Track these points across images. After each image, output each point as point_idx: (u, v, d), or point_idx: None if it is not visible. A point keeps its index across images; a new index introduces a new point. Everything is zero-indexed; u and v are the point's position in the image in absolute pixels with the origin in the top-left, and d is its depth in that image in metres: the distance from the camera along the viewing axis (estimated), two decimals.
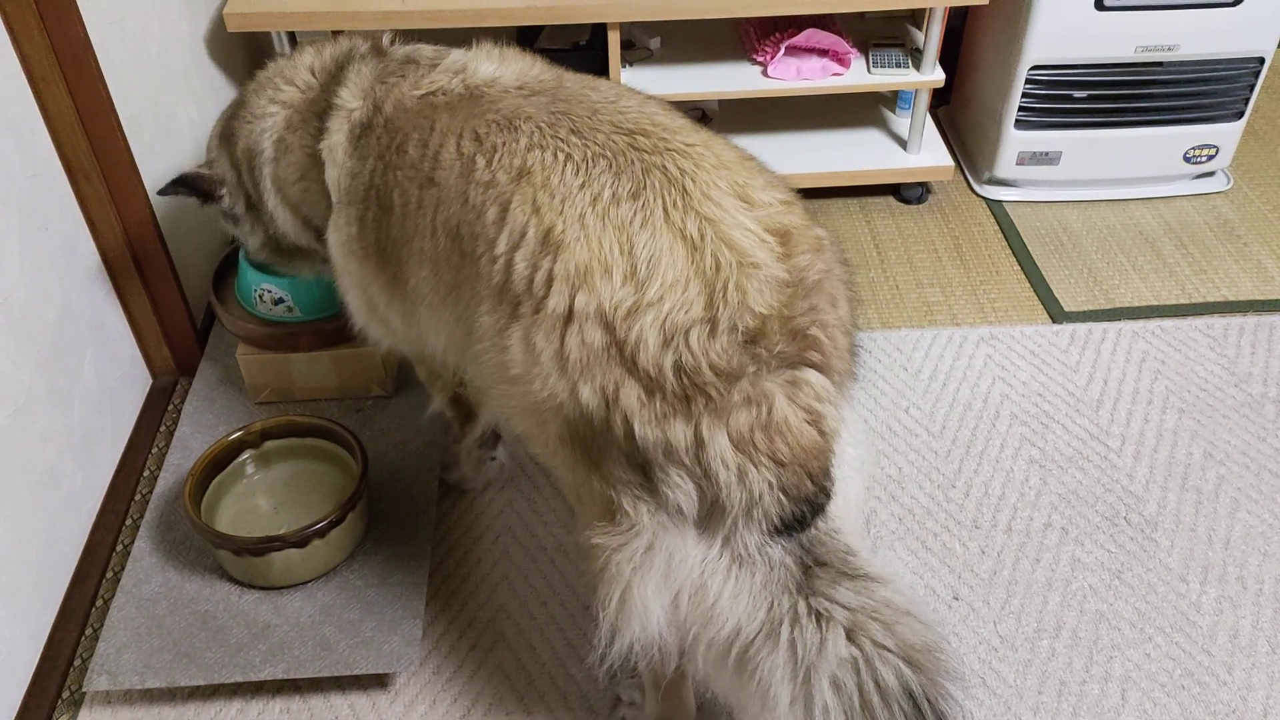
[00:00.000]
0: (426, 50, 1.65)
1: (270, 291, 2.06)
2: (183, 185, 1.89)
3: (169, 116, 2.30)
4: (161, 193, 1.90)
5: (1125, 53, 2.57)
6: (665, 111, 1.44)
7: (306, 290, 2.05)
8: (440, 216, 1.42)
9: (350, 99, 1.61)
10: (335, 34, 2.67)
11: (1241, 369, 2.32)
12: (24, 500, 1.75)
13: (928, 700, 1.25)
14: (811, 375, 1.23)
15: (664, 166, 1.30)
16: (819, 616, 1.26)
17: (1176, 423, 2.19)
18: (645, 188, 1.28)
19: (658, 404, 1.20)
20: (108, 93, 1.95)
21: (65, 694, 1.77)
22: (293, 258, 1.93)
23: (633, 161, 1.31)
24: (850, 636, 1.25)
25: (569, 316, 1.24)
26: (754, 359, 1.21)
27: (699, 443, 1.20)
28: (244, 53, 2.77)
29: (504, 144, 1.37)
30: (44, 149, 1.89)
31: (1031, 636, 1.83)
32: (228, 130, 1.82)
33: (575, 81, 1.51)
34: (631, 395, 1.21)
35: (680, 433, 1.20)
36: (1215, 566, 1.93)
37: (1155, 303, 2.51)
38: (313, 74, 1.71)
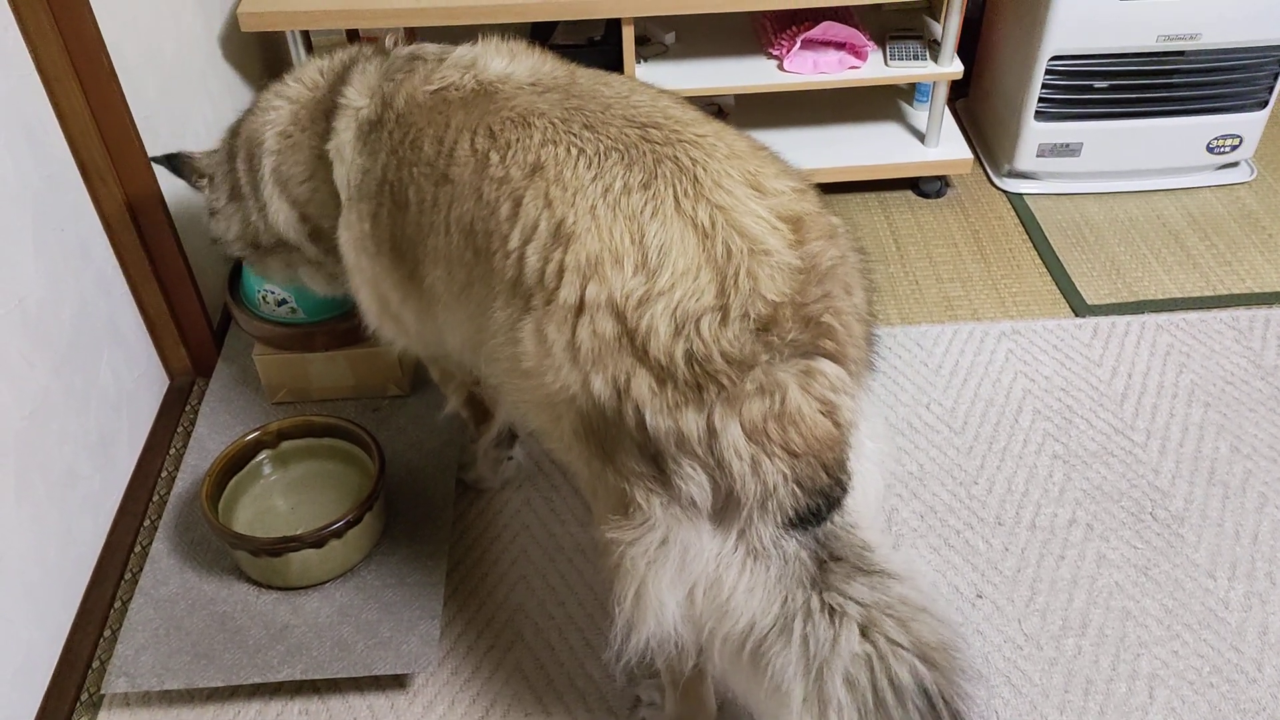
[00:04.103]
0: (431, 48, 1.64)
1: (273, 293, 2.06)
2: (169, 162, 1.91)
3: (184, 117, 2.30)
4: (153, 159, 1.92)
5: (1147, 42, 2.55)
6: (678, 105, 1.43)
7: (309, 291, 2.04)
8: (454, 213, 1.41)
9: (356, 98, 1.60)
10: (349, 36, 2.69)
11: (1268, 361, 2.29)
12: (42, 501, 1.75)
13: (943, 699, 1.24)
14: (826, 365, 1.22)
15: (675, 157, 1.30)
16: (832, 612, 1.25)
17: (1202, 416, 2.16)
18: (656, 177, 1.28)
19: (669, 393, 1.19)
20: (122, 93, 1.95)
21: (84, 696, 1.76)
22: (267, 255, 1.88)
23: (644, 153, 1.31)
24: (864, 632, 1.24)
25: (580, 307, 1.24)
26: (767, 347, 1.20)
27: (711, 432, 1.19)
28: (259, 53, 2.77)
29: (518, 140, 1.37)
30: (58, 150, 1.89)
31: (1057, 634, 1.80)
32: (235, 123, 1.82)
33: (588, 77, 1.51)
34: (643, 385, 1.20)
35: (692, 422, 1.19)
36: (1244, 562, 1.90)
37: (1179, 295, 2.48)
38: (321, 75, 1.72)
